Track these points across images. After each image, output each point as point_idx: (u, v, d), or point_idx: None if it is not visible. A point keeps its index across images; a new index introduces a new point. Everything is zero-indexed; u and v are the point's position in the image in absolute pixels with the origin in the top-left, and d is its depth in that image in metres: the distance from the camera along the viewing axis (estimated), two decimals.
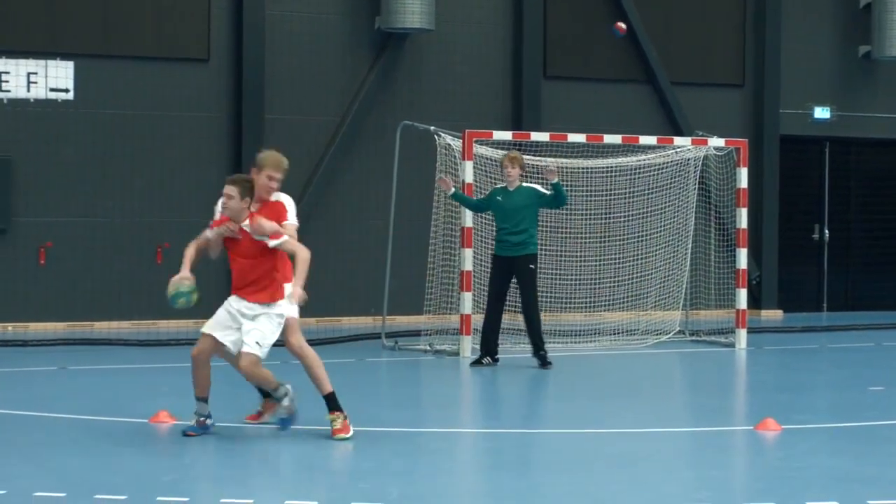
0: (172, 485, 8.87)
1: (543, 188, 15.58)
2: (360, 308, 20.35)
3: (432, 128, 17.54)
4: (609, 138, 17.84)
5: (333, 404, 10.61)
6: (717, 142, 18.28)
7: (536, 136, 17.69)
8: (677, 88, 22.09)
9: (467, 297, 16.33)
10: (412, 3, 19.94)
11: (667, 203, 18.81)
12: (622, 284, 18.87)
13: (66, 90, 19.21)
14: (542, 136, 17.74)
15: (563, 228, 18.62)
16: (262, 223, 10.30)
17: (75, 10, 19.23)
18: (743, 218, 17.83)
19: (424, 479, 9.30)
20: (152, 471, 9.31)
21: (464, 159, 16.61)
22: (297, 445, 10.32)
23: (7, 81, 18.93)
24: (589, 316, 18.71)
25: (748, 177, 18.10)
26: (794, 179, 23.14)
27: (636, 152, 18.55)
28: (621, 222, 18.90)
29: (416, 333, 17.73)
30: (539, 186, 15.71)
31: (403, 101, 20.66)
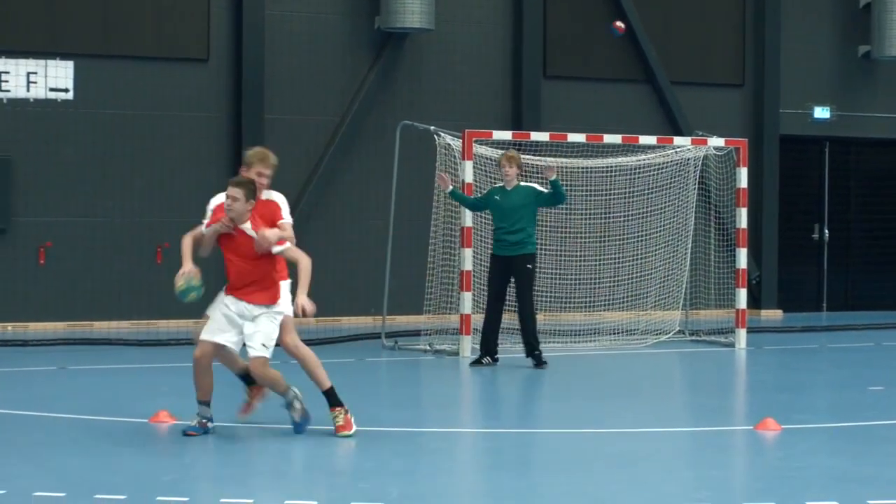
0: (172, 484, 8.87)
1: (542, 187, 15.58)
2: (359, 308, 20.35)
3: (432, 127, 17.54)
4: (609, 138, 17.84)
5: (334, 400, 10.62)
6: (716, 141, 18.27)
7: (536, 136, 17.68)
8: (677, 88, 22.08)
9: (467, 297, 16.33)
10: (412, 3, 19.93)
11: (667, 203, 18.81)
12: (622, 284, 18.86)
13: (66, 90, 19.21)
14: (541, 136, 17.74)
15: (563, 228, 18.61)
16: (266, 234, 10.34)
17: (75, 10, 19.23)
18: (743, 218, 17.83)
19: (424, 479, 9.30)
20: (152, 470, 9.31)
21: (463, 159, 16.61)
22: (297, 445, 10.32)
23: (7, 81, 18.93)
24: (588, 316, 18.71)
25: (748, 176, 18.10)
26: (793, 179, 23.14)
27: (636, 152, 18.55)
28: (621, 222, 18.90)
29: (415, 333, 17.73)
30: (537, 185, 15.70)
31: (403, 101, 20.66)
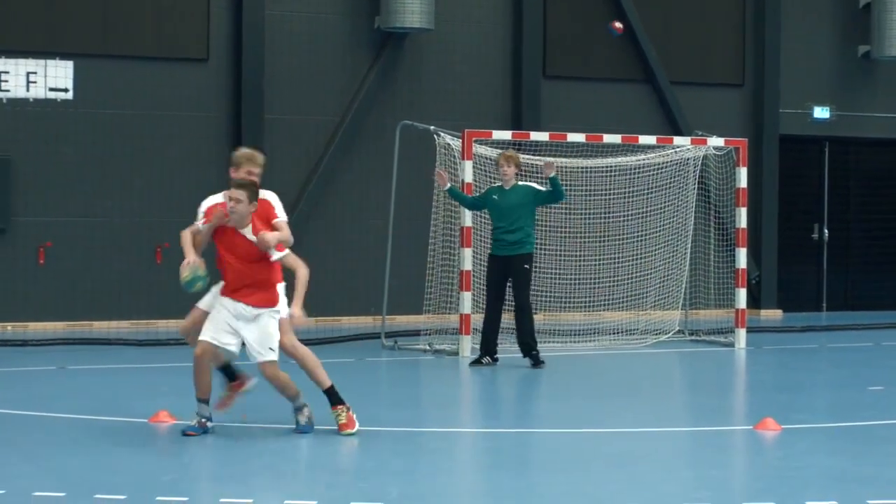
0: (172, 484, 8.88)
1: (540, 185, 15.57)
2: (359, 308, 20.35)
3: (432, 127, 17.54)
4: (608, 138, 17.84)
5: (335, 398, 10.65)
6: (716, 141, 18.27)
7: (536, 136, 17.68)
8: (677, 88, 22.08)
9: (467, 297, 16.33)
10: (412, 3, 19.93)
11: (666, 203, 18.81)
12: (621, 284, 18.86)
13: (66, 90, 19.21)
14: (541, 136, 17.73)
15: (563, 228, 18.62)
16: (267, 238, 10.39)
17: (75, 10, 19.23)
18: (742, 217, 17.83)
19: (424, 479, 9.30)
20: (152, 470, 9.31)
21: (463, 159, 16.61)
22: (296, 445, 10.33)
23: (6, 81, 18.93)
24: (588, 315, 18.71)
25: (747, 176, 18.10)
26: (793, 179, 23.14)
27: (636, 152, 18.55)
28: (621, 222, 18.90)
29: (415, 333, 17.73)
30: (535, 184, 15.69)
31: (403, 101, 20.66)
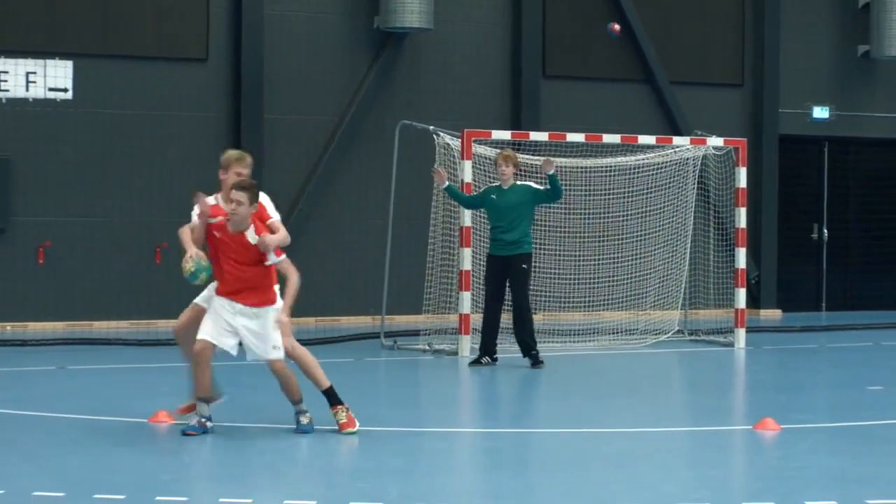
0: (171, 484, 8.87)
1: (538, 185, 15.56)
2: (358, 307, 20.36)
3: (431, 127, 17.53)
4: (608, 138, 17.84)
5: (334, 398, 10.67)
6: (715, 141, 18.27)
7: (535, 136, 17.68)
8: (676, 88, 22.08)
9: (466, 297, 16.33)
10: (411, 3, 19.93)
11: (666, 202, 18.80)
12: (621, 284, 18.86)
13: (65, 90, 19.21)
14: (540, 136, 17.73)
15: (562, 228, 18.61)
16: (267, 240, 10.44)
17: (74, 10, 19.23)
18: (742, 217, 17.83)
19: (423, 479, 9.30)
20: (151, 470, 9.31)
21: (462, 159, 16.61)
22: (295, 445, 10.32)
23: (6, 81, 18.93)
24: (587, 315, 18.70)
25: (747, 176, 18.10)
26: (792, 179, 23.14)
27: (635, 152, 18.54)
28: (620, 222, 18.89)
29: (414, 333, 17.72)
30: (533, 183, 15.68)
31: (402, 101, 20.66)
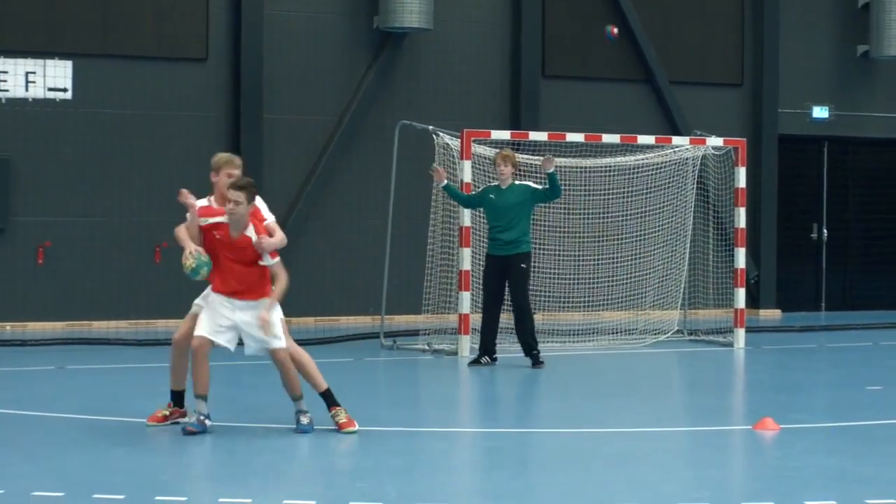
0: (171, 484, 8.88)
1: (537, 184, 15.55)
2: (358, 307, 20.36)
3: (430, 127, 17.53)
4: (607, 138, 17.83)
5: (331, 400, 10.70)
6: (715, 141, 18.27)
7: (535, 136, 17.68)
8: (676, 88, 22.09)
9: (465, 297, 16.33)
10: (410, 3, 19.93)
11: (665, 202, 18.80)
12: (620, 284, 18.86)
13: (65, 90, 19.21)
14: (540, 136, 17.72)
15: (561, 228, 18.61)
16: (264, 242, 10.48)
17: (74, 10, 19.23)
18: (741, 217, 17.83)
19: (423, 479, 9.30)
20: (151, 470, 9.31)
21: (462, 159, 16.61)
22: (295, 445, 10.33)
23: (5, 81, 18.93)
24: (587, 315, 18.70)
25: (746, 176, 18.10)
26: (792, 179, 23.14)
27: (634, 152, 18.55)
28: (619, 221, 18.89)
29: (414, 333, 17.73)
30: (532, 183, 15.68)
31: (402, 101, 20.66)
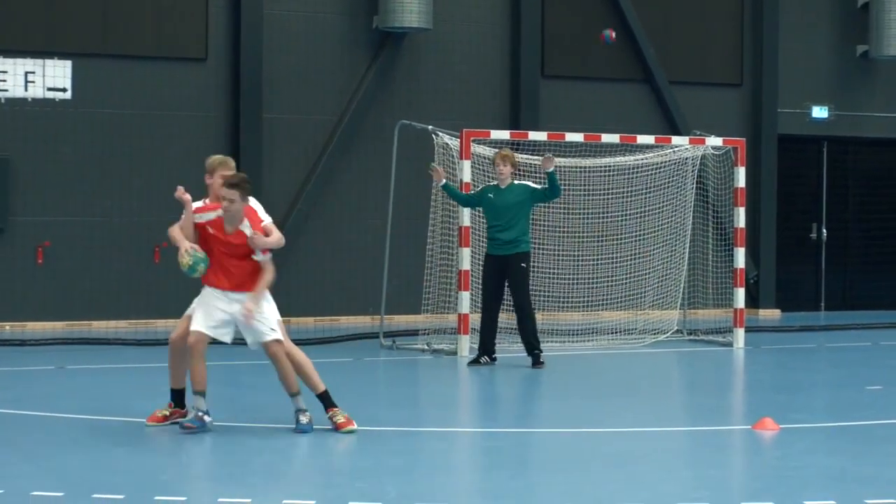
0: (170, 484, 8.88)
1: (536, 184, 15.54)
2: (358, 307, 20.35)
3: (430, 127, 17.53)
4: (607, 137, 17.83)
5: (329, 401, 10.70)
6: (714, 141, 18.28)
7: (534, 136, 17.68)
8: (675, 88, 22.09)
9: (465, 297, 16.33)
10: (410, 3, 19.93)
11: (664, 202, 18.80)
12: (619, 284, 18.86)
13: (64, 89, 19.21)
14: (539, 136, 17.73)
15: (561, 227, 18.62)
16: (257, 240, 10.50)
17: (73, 10, 19.23)
18: (741, 217, 17.83)
19: (422, 479, 9.30)
20: (150, 470, 9.31)
21: (461, 158, 16.61)
22: (294, 444, 10.33)
23: (4, 81, 18.93)
24: (586, 315, 18.70)
25: (746, 176, 18.10)
26: (791, 179, 23.15)
27: (634, 151, 18.55)
28: (619, 221, 18.90)
29: (413, 333, 17.73)
30: (531, 183, 15.67)
31: (401, 101, 20.66)
